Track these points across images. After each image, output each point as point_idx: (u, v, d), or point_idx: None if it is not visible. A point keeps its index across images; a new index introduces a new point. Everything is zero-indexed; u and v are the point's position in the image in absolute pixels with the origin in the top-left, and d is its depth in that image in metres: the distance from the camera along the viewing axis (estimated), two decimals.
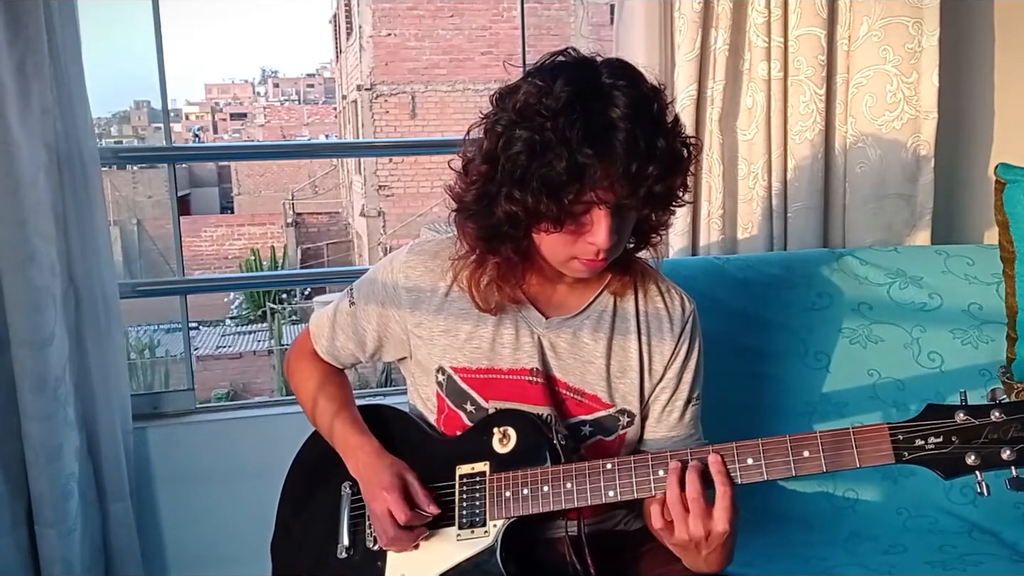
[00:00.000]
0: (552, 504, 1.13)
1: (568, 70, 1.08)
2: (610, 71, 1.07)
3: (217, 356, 12.00)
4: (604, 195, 1.06)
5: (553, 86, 1.05)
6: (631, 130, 1.03)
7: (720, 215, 1.89)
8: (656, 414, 1.25)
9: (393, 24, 13.71)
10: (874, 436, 1.02)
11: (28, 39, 1.56)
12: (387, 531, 1.17)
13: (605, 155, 1.03)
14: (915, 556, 1.52)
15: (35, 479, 1.65)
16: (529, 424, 1.18)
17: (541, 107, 1.04)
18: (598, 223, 1.08)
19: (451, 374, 1.23)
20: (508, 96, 1.09)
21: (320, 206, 18.52)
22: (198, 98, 33.99)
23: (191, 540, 1.92)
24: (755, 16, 1.83)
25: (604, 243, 1.09)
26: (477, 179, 1.11)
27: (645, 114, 1.05)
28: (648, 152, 1.04)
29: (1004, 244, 1.68)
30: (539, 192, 1.05)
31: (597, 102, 1.04)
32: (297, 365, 1.38)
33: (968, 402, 1.00)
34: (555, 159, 1.03)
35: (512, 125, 1.06)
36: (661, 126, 1.07)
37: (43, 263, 1.60)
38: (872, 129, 1.91)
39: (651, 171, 1.04)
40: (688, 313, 1.26)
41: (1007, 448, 0.97)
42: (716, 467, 1.05)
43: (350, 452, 1.25)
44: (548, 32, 13.02)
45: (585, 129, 1.02)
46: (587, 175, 1.03)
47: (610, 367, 1.23)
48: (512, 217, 1.09)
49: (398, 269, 1.26)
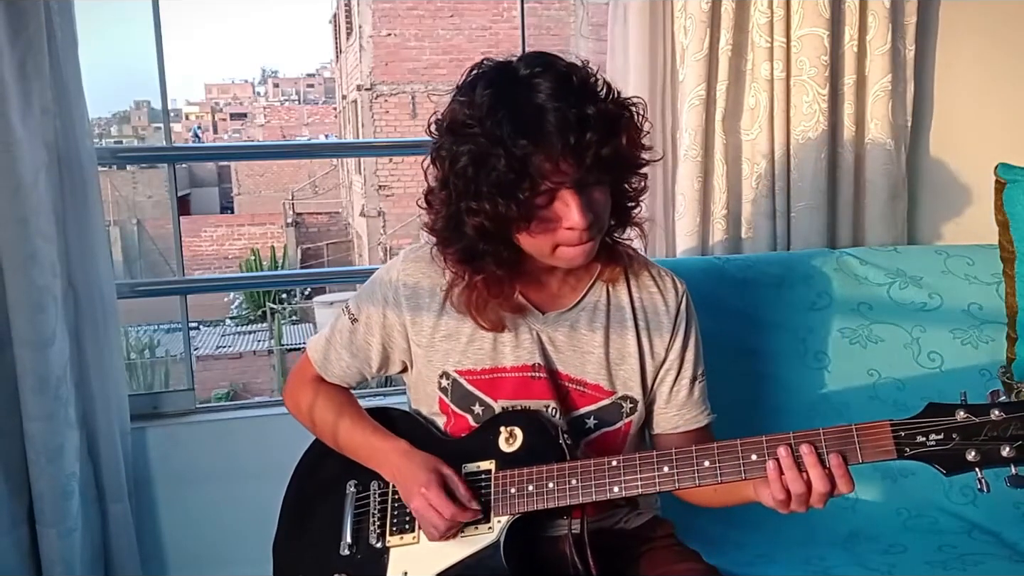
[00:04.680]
0: (557, 500, 1.14)
1: (485, 76, 1.12)
2: (526, 63, 1.10)
3: (217, 356, 11.99)
4: (557, 178, 1.08)
5: (474, 95, 1.09)
6: (558, 107, 1.05)
7: (724, 215, 1.90)
8: (665, 396, 1.28)
9: (393, 24, 13.70)
10: (876, 432, 1.04)
11: (28, 39, 1.56)
12: (437, 526, 1.16)
13: (540, 140, 1.05)
14: (915, 556, 1.52)
15: (36, 479, 1.65)
16: (536, 424, 1.19)
17: (468, 118, 1.08)
18: (567, 206, 1.10)
19: (456, 378, 1.24)
20: (441, 121, 1.14)
21: (320, 206, 18.51)
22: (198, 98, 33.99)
23: (191, 540, 1.92)
24: (758, 16, 1.83)
25: (580, 223, 1.10)
26: (440, 207, 1.15)
27: (568, 89, 1.07)
28: (580, 121, 1.05)
29: (1004, 244, 1.68)
30: (493, 196, 1.07)
31: (519, 94, 1.07)
32: (301, 393, 1.36)
33: (968, 401, 1.01)
34: (496, 160, 1.05)
35: (450, 145, 1.10)
36: (587, 95, 1.09)
37: (44, 263, 1.60)
38: (872, 129, 1.91)
39: (590, 138, 1.06)
40: (681, 294, 1.29)
41: (1007, 445, 0.99)
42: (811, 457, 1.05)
43: (381, 457, 1.24)
44: (548, 32, 13.00)
45: (513, 123, 1.05)
46: (532, 165, 1.06)
47: (609, 355, 1.24)
48: (481, 230, 1.11)
49: (396, 275, 1.26)
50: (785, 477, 1.06)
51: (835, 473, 1.05)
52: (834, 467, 1.05)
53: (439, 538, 1.18)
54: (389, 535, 1.23)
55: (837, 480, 1.05)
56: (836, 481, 1.05)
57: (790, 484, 1.06)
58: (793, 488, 1.06)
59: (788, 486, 1.06)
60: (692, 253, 1.89)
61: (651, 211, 1.86)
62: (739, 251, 1.91)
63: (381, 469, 1.25)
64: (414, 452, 1.22)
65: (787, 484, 1.06)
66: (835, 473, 1.05)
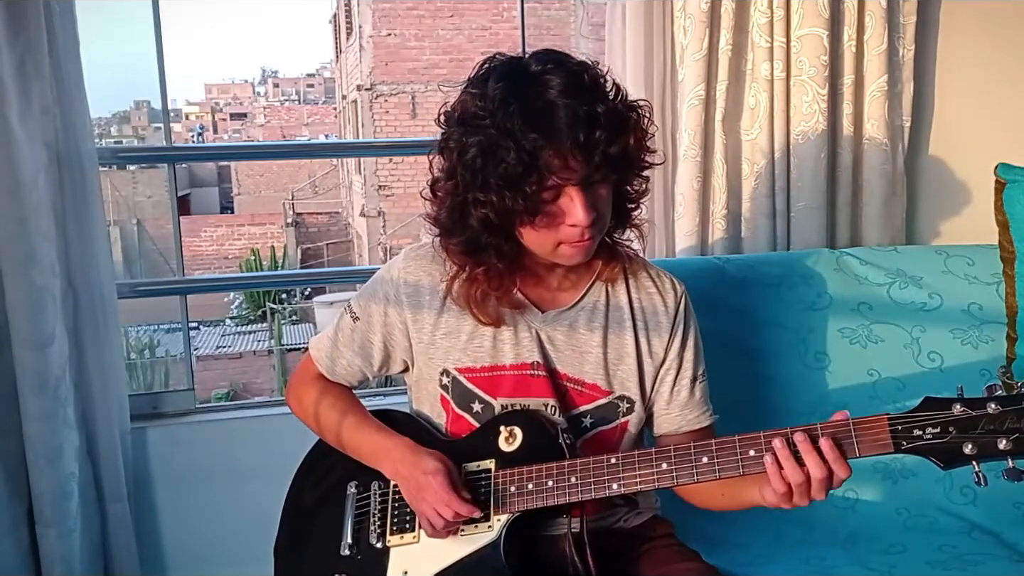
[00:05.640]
0: (556, 498, 1.14)
1: (497, 70, 1.12)
2: (537, 59, 1.11)
3: (217, 356, 12.00)
4: (564, 174, 1.08)
5: (486, 88, 1.10)
6: (569, 104, 1.06)
7: (724, 215, 1.90)
8: (666, 397, 1.28)
9: (393, 24, 13.70)
10: (873, 426, 1.05)
11: (28, 39, 1.56)
12: (443, 513, 1.14)
13: (550, 134, 1.06)
14: (915, 556, 1.52)
15: (36, 479, 1.65)
16: (536, 424, 1.20)
17: (480, 110, 1.09)
18: (572, 202, 1.10)
19: (456, 375, 1.24)
20: (451, 112, 1.14)
21: (320, 206, 18.51)
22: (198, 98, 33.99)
23: (190, 540, 1.91)
24: (757, 16, 1.83)
25: (583, 220, 1.10)
26: (445, 197, 1.16)
27: (579, 87, 1.08)
28: (590, 119, 1.07)
29: (1004, 244, 1.68)
30: (501, 188, 1.08)
31: (531, 89, 1.08)
32: (304, 391, 1.36)
33: (965, 395, 1.02)
34: (505, 153, 1.06)
35: (460, 136, 1.11)
36: (597, 94, 1.10)
37: (43, 263, 1.60)
38: (869, 129, 1.91)
39: (599, 136, 1.07)
40: (680, 295, 1.30)
41: (1003, 438, 0.99)
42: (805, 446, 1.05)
43: (384, 454, 1.24)
44: (548, 32, 13.01)
45: (524, 116, 1.06)
46: (541, 159, 1.06)
47: (607, 355, 1.25)
48: (486, 222, 1.12)
49: (397, 273, 1.27)
50: (784, 471, 1.05)
51: (828, 457, 1.04)
52: (826, 451, 1.04)
53: (440, 531, 1.17)
54: (389, 535, 1.23)
55: (831, 463, 1.04)
56: (831, 465, 1.04)
57: (789, 475, 1.05)
58: (792, 478, 1.05)
59: (787, 478, 1.05)
60: (692, 253, 1.89)
61: (651, 211, 1.86)
62: (739, 251, 1.91)
63: (382, 465, 1.24)
64: (419, 448, 1.22)
65: (786, 477, 1.05)
66: (828, 457, 1.04)
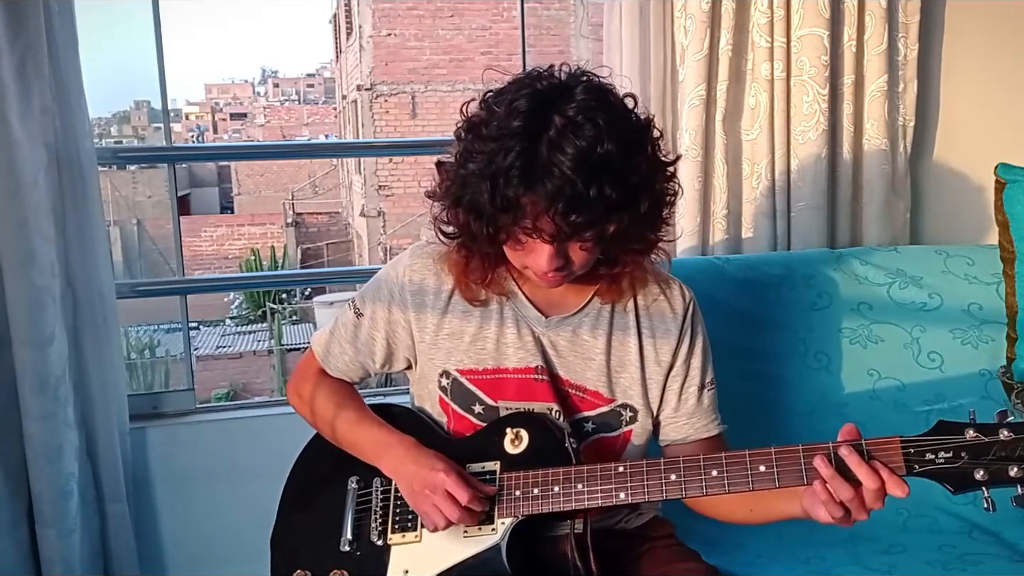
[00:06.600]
0: (562, 504, 1.14)
1: (528, 96, 1.05)
2: (576, 106, 1.03)
3: (217, 356, 12.00)
4: (538, 225, 1.06)
5: (510, 109, 1.05)
6: (571, 179, 1.01)
7: (724, 215, 1.90)
8: (673, 404, 1.27)
9: (393, 24, 13.70)
10: (887, 447, 1.04)
11: (28, 39, 1.56)
12: (450, 513, 1.13)
13: (533, 190, 1.03)
14: (915, 556, 1.52)
15: (35, 479, 1.65)
16: (541, 427, 1.19)
17: (488, 130, 1.06)
18: (538, 251, 1.10)
19: (456, 376, 1.24)
20: (474, 117, 1.11)
21: (320, 206, 18.51)
22: (198, 98, 33.97)
23: (190, 540, 1.91)
24: (758, 16, 1.83)
25: (543, 268, 1.11)
26: (445, 180, 1.14)
27: (593, 163, 1.02)
28: (574, 198, 1.01)
29: (1004, 244, 1.68)
30: (469, 213, 1.08)
31: (542, 138, 1.02)
32: (304, 386, 1.35)
33: (977, 420, 1.02)
34: (487, 188, 1.04)
35: (466, 146, 1.09)
36: (607, 175, 1.02)
37: (43, 263, 1.60)
38: (869, 129, 1.91)
39: (574, 219, 1.03)
40: (688, 301, 1.28)
41: (1014, 466, 0.99)
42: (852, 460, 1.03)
43: (385, 450, 1.23)
44: (548, 32, 13.01)
45: (521, 162, 1.02)
46: (518, 205, 1.04)
47: (610, 363, 1.24)
48: (468, 225, 1.11)
49: (402, 272, 1.26)
50: (833, 491, 1.03)
51: (882, 474, 1.02)
52: (880, 468, 1.02)
53: (444, 526, 1.15)
54: (391, 533, 1.23)
55: (886, 478, 1.02)
56: (885, 479, 1.02)
57: (838, 492, 1.03)
58: (843, 496, 1.03)
59: (839, 497, 1.03)
60: (692, 253, 1.89)
61: None
62: (739, 251, 1.91)
63: (381, 462, 1.24)
64: (422, 447, 1.21)
65: (837, 496, 1.03)
66: (882, 474, 1.02)
